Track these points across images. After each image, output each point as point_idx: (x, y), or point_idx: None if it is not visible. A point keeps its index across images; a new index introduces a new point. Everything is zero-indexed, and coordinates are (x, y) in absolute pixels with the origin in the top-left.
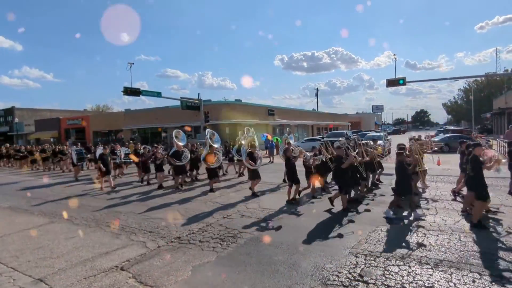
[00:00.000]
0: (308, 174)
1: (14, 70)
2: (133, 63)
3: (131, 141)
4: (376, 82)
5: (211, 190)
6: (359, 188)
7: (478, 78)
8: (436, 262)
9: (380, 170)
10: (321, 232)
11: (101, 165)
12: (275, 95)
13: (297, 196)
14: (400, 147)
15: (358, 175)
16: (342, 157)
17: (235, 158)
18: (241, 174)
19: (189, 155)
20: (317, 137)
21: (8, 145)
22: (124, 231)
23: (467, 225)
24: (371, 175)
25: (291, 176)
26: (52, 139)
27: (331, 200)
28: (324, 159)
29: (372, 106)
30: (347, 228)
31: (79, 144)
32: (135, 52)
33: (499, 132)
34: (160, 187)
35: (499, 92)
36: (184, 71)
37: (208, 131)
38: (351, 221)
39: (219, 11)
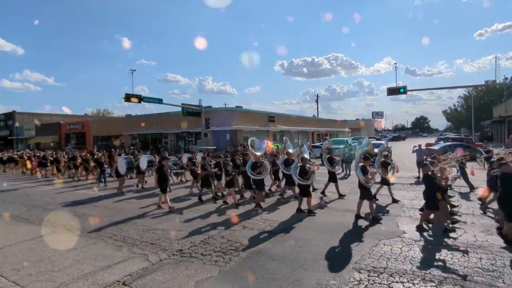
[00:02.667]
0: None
1: (15, 74)
2: (135, 70)
3: (132, 147)
4: (376, 88)
5: (258, 206)
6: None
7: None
8: (440, 279)
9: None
10: (324, 245)
11: (161, 180)
12: (275, 100)
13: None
14: (427, 160)
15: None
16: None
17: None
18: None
19: (269, 166)
20: (318, 144)
21: (28, 150)
22: (125, 242)
23: (470, 239)
24: None
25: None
26: (52, 144)
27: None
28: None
29: (372, 112)
30: (350, 242)
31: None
32: (136, 57)
33: (499, 140)
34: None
35: (499, 100)
36: (185, 76)
37: (250, 139)
38: (354, 234)
39: (220, 14)
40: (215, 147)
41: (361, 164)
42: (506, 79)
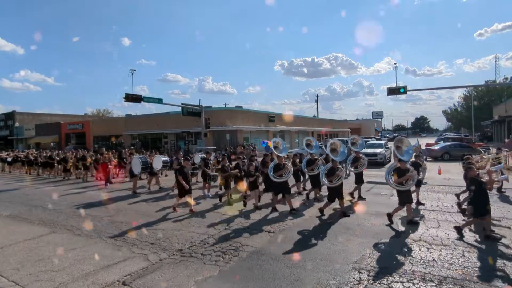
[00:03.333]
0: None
1: (15, 74)
2: (135, 70)
3: (132, 147)
4: (376, 88)
5: (275, 210)
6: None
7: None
8: (440, 279)
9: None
10: (324, 245)
11: (183, 182)
12: (275, 100)
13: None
14: (470, 162)
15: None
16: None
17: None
18: (315, 198)
19: (291, 169)
20: (320, 143)
21: (34, 150)
22: (125, 242)
23: (471, 239)
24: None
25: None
26: (52, 144)
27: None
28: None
29: (372, 112)
30: (350, 242)
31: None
32: (136, 57)
33: (499, 140)
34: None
35: (499, 100)
36: (185, 76)
37: (273, 140)
38: (354, 234)
39: (220, 15)
40: (215, 147)
41: (396, 166)
42: (506, 79)
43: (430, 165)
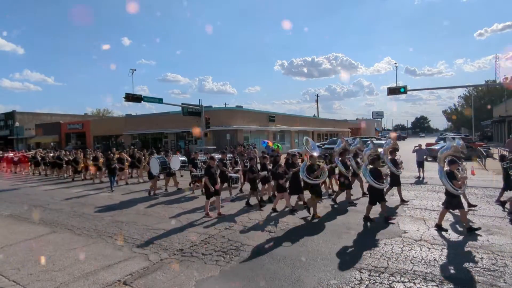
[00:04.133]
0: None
1: (15, 73)
2: (135, 70)
3: (132, 146)
4: (376, 88)
5: (309, 213)
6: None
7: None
8: (441, 279)
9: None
10: (325, 245)
11: (208, 183)
12: (275, 100)
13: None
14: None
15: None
16: None
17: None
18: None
19: (326, 169)
20: (318, 143)
21: (41, 150)
22: (126, 242)
23: (472, 239)
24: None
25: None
26: (52, 144)
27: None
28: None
29: (372, 112)
30: (351, 241)
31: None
32: (136, 57)
33: (499, 140)
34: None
35: (499, 100)
36: (185, 76)
37: (305, 138)
38: (355, 234)
39: (220, 15)
40: (215, 147)
41: (447, 169)
42: (506, 79)
43: (430, 165)
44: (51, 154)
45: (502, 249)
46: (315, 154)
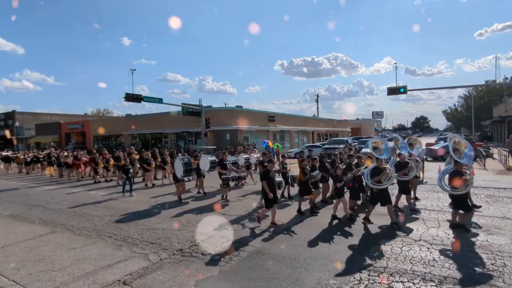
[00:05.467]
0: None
1: (15, 73)
2: (135, 69)
3: (132, 146)
4: (376, 88)
5: (396, 224)
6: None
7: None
8: (440, 279)
9: None
10: (324, 245)
11: (267, 189)
12: (275, 100)
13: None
14: None
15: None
16: None
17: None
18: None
19: (393, 174)
20: (318, 143)
21: (53, 149)
22: (126, 242)
23: (471, 239)
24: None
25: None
26: (52, 143)
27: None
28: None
29: (372, 112)
30: (350, 241)
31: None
32: (136, 57)
33: (499, 140)
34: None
35: (499, 100)
36: (185, 76)
37: (373, 139)
38: (355, 234)
39: (220, 14)
40: (215, 147)
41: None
42: (506, 79)
43: (430, 165)
44: (65, 154)
45: (501, 249)
46: (383, 157)
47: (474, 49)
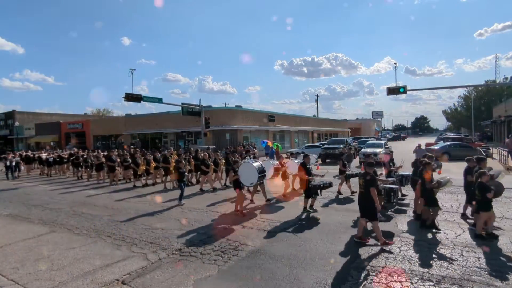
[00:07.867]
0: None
1: (15, 73)
2: (134, 69)
3: (132, 146)
4: (376, 88)
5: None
6: None
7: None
8: (438, 278)
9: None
10: (323, 245)
11: (376, 198)
12: (275, 99)
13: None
14: None
15: None
16: None
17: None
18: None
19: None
20: (318, 143)
21: (75, 149)
22: (125, 241)
23: (469, 239)
24: None
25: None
26: (52, 143)
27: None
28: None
29: (372, 112)
30: (349, 241)
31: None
32: (136, 56)
33: (499, 140)
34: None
35: (498, 100)
36: (185, 75)
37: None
38: (354, 234)
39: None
40: (215, 147)
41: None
42: (506, 79)
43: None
44: (94, 153)
45: (501, 249)
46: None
47: (474, 49)
